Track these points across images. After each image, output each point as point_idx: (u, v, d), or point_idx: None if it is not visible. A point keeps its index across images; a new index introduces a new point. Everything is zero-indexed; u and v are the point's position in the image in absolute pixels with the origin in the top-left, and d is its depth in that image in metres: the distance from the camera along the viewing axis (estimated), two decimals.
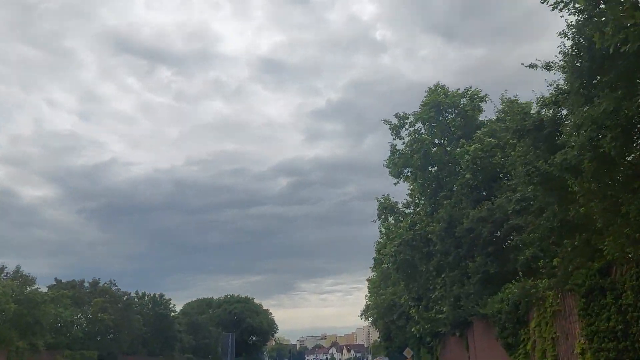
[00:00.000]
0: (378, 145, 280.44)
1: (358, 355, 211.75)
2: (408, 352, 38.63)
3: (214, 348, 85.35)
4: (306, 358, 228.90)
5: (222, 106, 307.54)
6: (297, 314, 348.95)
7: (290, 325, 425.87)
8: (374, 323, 69.21)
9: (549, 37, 31.30)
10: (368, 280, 62.49)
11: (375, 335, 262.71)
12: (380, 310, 49.96)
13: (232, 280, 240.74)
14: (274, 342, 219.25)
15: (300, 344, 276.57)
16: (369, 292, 61.19)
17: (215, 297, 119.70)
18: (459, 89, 29.66)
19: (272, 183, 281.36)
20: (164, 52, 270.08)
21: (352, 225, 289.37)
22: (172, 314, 63.95)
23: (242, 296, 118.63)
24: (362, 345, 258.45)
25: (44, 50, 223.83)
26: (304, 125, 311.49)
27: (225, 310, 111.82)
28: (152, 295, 62.30)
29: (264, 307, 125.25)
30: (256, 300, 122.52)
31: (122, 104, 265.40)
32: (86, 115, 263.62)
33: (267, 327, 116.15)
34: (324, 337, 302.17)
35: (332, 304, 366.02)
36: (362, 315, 73.40)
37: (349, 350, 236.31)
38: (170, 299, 64.10)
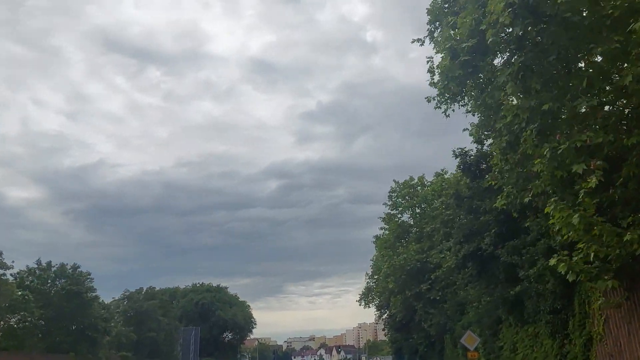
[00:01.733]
0: (368, 148, 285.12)
1: (349, 356, 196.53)
2: (471, 340, 20.04)
3: (166, 344, 65.73)
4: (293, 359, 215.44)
5: (212, 107, 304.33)
6: (285, 317, 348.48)
7: (278, 328, 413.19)
8: (380, 308, 50.54)
9: None
10: (376, 238, 43.71)
11: (367, 335, 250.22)
12: (399, 277, 31.26)
13: (221, 282, 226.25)
14: (257, 342, 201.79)
15: (287, 345, 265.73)
16: (378, 252, 42.50)
17: (182, 286, 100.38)
18: None
19: (262, 185, 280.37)
20: (154, 51, 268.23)
21: (342, 228, 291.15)
22: (91, 293, 44.32)
23: (214, 285, 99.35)
24: (353, 346, 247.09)
25: (31, 48, 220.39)
26: (295, 127, 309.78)
27: (190, 301, 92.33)
28: (60, 266, 43.02)
29: (241, 299, 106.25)
30: (230, 291, 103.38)
31: (110, 104, 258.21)
32: (74, 115, 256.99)
33: (242, 321, 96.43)
34: (312, 339, 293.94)
35: (321, 306, 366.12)
36: (360, 300, 54.80)
37: (338, 352, 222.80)
38: (89, 273, 44.74)
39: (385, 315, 53.17)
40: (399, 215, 36.86)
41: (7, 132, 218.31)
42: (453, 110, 15.77)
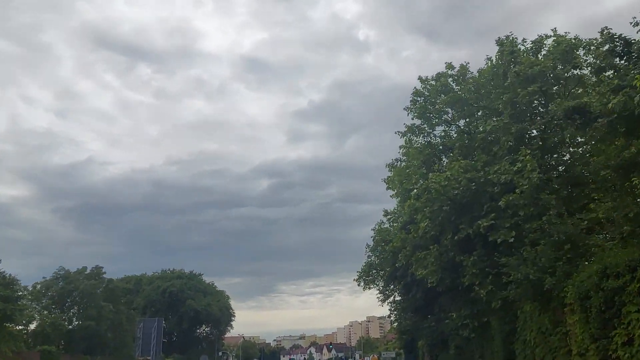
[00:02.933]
0: (360, 147, 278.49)
1: (340, 354, 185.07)
2: None
3: (116, 338, 52.24)
4: (281, 359, 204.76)
5: (203, 105, 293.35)
6: (276, 316, 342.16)
7: (269, 327, 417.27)
8: (388, 284, 37.78)
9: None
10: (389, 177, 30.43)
11: (359, 333, 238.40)
12: (435, 212, 18.20)
13: (211, 282, 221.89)
14: (242, 339, 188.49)
15: (277, 344, 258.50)
16: (394, 177, 29.08)
17: (149, 274, 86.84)
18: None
19: (253, 184, 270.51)
20: (144, 48, 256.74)
21: (334, 227, 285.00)
22: None
23: (186, 271, 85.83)
24: (344, 344, 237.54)
25: (19, 44, 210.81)
26: (287, 125, 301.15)
27: (157, 289, 78.80)
28: None
29: (219, 289, 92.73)
30: (206, 278, 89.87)
31: (100, 101, 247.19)
32: (63, 112, 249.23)
33: (218, 312, 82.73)
34: (302, 337, 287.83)
35: (312, 306, 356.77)
36: (359, 279, 41.96)
37: (329, 350, 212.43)
38: None
39: (394, 295, 40.35)
40: (429, 131, 23.68)
41: None
42: None
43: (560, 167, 19.89)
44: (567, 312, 14.28)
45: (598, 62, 15.23)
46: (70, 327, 42.86)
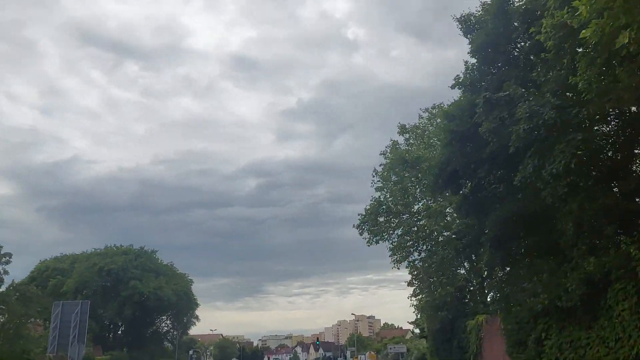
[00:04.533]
0: (349, 147, 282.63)
1: (328, 354, 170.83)
2: None
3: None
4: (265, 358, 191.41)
5: (191, 103, 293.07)
6: (263, 317, 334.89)
7: (257, 328, 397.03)
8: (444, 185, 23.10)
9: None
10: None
11: (347, 332, 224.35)
12: None
13: (198, 282, 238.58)
14: (221, 336, 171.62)
15: (262, 344, 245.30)
16: None
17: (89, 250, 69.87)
18: None
19: (241, 184, 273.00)
20: (131, 45, 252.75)
21: (322, 227, 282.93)
22: None
23: (134, 247, 68.91)
24: (333, 343, 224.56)
25: (3, 40, 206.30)
26: (275, 124, 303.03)
27: (92, 267, 61.86)
28: None
29: (181, 272, 75.81)
30: (163, 260, 73.02)
31: (86, 99, 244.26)
32: (48, 109, 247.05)
33: (173, 298, 65.57)
34: (289, 337, 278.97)
35: (300, 306, 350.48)
36: (362, 224, 26.78)
37: (316, 349, 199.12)
38: None
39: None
40: None
41: None
42: None
43: None
44: None
45: None
46: None
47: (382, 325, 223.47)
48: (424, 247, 28.18)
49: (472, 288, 26.68)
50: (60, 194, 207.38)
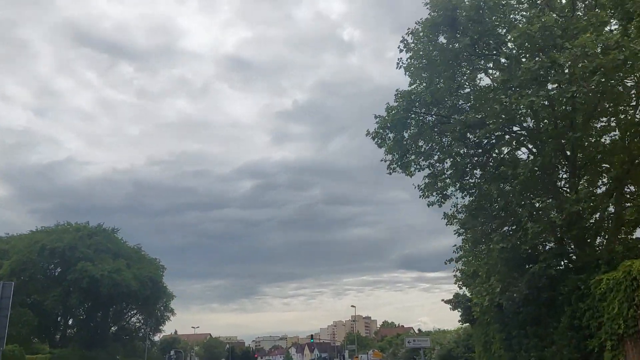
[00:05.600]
0: (344, 148, 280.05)
1: (324, 355, 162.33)
2: None
3: None
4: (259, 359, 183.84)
5: (186, 105, 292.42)
6: (259, 319, 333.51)
7: (252, 330, 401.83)
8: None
9: None
10: None
11: (342, 332, 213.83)
12: None
13: (193, 284, 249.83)
14: (209, 336, 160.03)
15: (256, 345, 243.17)
16: None
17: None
18: None
19: (236, 185, 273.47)
20: (126, 46, 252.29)
21: (317, 229, 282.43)
22: None
23: (91, 225, 57.18)
24: (329, 343, 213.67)
25: None
26: (270, 126, 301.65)
27: (33, 245, 50.02)
28: None
29: (150, 256, 63.98)
30: (123, 238, 61.20)
31: (80, 100, 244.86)
32: (42, 110, 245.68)
33: (136, 285, 53.58)
34: (284, 338, 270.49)
35: (296, 308, 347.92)
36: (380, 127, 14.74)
37: (311, 349, 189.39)
38: None
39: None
40: None
41: None
42: None
43: None
44: None
45: None
46: None
47: (380, 324, 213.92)
48: (490, 164, 16.79)
49: (587, 217, 15.17)
50: (54, 196, 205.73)
